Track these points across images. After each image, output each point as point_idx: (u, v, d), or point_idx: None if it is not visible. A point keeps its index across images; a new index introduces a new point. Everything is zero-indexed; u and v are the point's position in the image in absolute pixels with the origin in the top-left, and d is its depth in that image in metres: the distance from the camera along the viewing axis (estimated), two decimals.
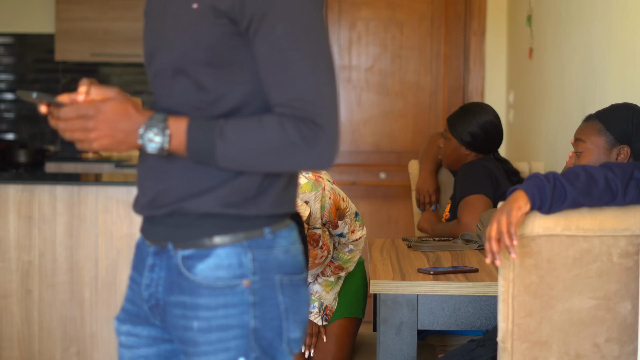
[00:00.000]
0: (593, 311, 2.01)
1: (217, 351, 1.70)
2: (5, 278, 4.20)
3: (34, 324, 4.22)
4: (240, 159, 1.63)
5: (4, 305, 4.21)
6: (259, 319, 1.70)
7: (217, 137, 1.62)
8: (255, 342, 1.71)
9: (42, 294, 4.20)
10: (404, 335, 2.49)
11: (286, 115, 1.61)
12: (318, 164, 1.63)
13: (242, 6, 1.63)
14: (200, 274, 1.69)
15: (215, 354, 1.70)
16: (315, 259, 2.85)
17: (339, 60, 6.00)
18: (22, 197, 4.17)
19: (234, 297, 1.69)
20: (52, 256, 4.17)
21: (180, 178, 1.70)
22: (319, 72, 1.62)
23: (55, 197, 4.16)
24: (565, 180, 2.00)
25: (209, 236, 1.69)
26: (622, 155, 2.38)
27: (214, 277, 1.69)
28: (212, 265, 1.69)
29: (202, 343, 1.69)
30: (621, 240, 2.00)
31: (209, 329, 1.69)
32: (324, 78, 1.62)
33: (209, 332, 1.69)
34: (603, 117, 2.48)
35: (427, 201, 3.67)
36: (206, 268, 1.69)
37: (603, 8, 3.35)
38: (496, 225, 1.97)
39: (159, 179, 1.71)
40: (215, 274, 1.69)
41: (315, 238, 2.84)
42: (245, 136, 1.61)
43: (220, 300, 1.69)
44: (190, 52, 1.67)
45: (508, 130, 5.34)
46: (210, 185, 1.69)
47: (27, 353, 4.23)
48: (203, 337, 1.69)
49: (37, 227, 4.18)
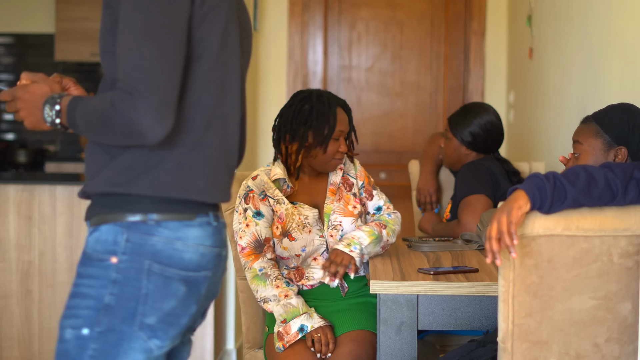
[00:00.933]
0: (593, 311, 2.01)
1: (69, 316, 1.83)
2: (5, 278, 4.19)
3: (34, 324, 4.22)
4: (86, 130, 1.81)
5: (4, 305, 4.21)
6: (115, 296, 1.80)
7: (76, 110, 1.81)
8: (104, 317, 1.80)
9: (42, 294, 4.20)
10: (404, 335, 2.49)
11: (117, 89, 1.75)
12: (134, 132, 1.73)
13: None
14: (87, 245, 1.87)
15: (67, 318, 1.84)
16: (349, 203, 2.92)
17: (339, 60, 6.00)
18: (22, 197, 4.17)
19: (100, 270, 1.82)
20: (52, 256, 4.17)
21: (87, 162, 1.89)
22: (144, 47, 1.74)
23: (55, 197, 4.16)
24: (565, 180, 2.00)
25: (99, 214, 1.86)
26: (619, 156, 2.38)
27: (92, 249, 1.85)
28: (95, 238, 1.85)
29: (66, 306, 1.84)
30: (621, 240, 2.00)
31: (73, 294, 1.84)
32: (148, 52, 1.74)
33: (72, 296, 1.84)
34: (599, 119, 2.48)
35: (428, 201, 3.67)
36: (91, 240, 1.86)
37: (603, 8, 3.35)
38: (496, 225, 1.97)
39: (85, 165, 1.92)
40: (94, 246, 1.85)
41: (349, 183, 2.96)
42: (86, 108, 1.80)
43: (89, 270, 1.83)
44: (99, 43, 1.90)
45: (508, 131, 5.34)
46: (100, 167, 1.85)
47: (27, 353, 4.23)
48: (68, 301, 1.85)
49: (37, 227, 4.18)
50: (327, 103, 2.89)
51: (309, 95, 2.91)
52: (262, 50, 5.86)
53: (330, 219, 2.91)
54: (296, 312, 2.78)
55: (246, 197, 2.88)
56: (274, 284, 2.81)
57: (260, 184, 2.89)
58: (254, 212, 2.86)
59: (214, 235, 1.90)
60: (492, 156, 3.46)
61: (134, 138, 1.75)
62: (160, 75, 1.74)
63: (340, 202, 2.93)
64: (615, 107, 2.52)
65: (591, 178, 2.02)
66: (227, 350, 4.62)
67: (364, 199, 3.00)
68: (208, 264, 1.88)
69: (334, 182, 2.96)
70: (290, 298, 2.79)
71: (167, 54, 1.76)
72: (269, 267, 2.84)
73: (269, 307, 2.81)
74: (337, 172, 2.98)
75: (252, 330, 3.04)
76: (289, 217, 2.87)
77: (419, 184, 3.71)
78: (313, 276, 2.90)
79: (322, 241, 2.88)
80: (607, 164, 2.11)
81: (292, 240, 2.86)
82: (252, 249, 2.84)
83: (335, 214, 2.91)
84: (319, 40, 5.99)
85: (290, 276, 2.90)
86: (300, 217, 2.87)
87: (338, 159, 2.91)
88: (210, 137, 1.86)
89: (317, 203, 2.94)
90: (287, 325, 2.77)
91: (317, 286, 2.91)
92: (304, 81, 5.97)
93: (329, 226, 2.90)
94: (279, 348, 2.79)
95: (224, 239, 1.97)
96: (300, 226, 2.86)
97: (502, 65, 5.82)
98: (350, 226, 2.90)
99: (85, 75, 6.50)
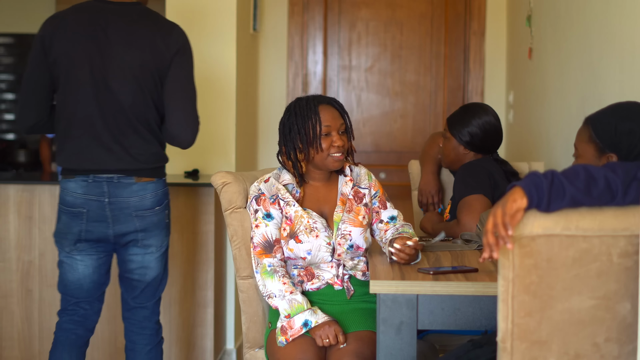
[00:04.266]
0: (592, 311, 2.01)
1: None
2: (5, 278, 4.19)
3: (34, 324, 4.22)
4: None
5: (4, 305, 4.21)
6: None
7: None
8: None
9: (42, 294, 4.20)
10: (404, 335, 2.49)
11: None
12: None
13: None
14: None
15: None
16: (359, 214, 2.93)
17: (339, 60, 6.01)
18: (22, 197, 4.17)
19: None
20: (52, 256, 4.17)
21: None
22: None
23: (55, 197, 4.16)
24: (564, 178, 2.00)
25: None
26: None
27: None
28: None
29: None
30: (621, 240, 2.00)
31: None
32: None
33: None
34: (594, 122, 2.47)
35: (430, 202, 3.67)
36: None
37: (602, 8, 3.36)
38: (492, 219, 1.97)
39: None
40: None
41: (359, 196, 2.96)
42: None
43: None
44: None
45: (508, 131, 5.34)
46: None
47: (27, 353, 4.23)
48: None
49: (37, 227, 4.18)
50: (306, 105, 2.90)
51: (290, 105, 2.96)
52: (262, 50, 5.86)
53: (340, 228, 2.91)
54: (301, 308, 2.80)
55: (257, 199, 2.91)
56: (281, 280, 2.83)
57: (271, 188, 2.91)
58: (264, 214, 2.89)
59: (86, 187, 3.15)
60: (490, 157, 3.47)
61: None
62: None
63: (350, 214, 2.93)
64: (608, 110, 2.50)
65: (591, 177, 2.02)
66: (227, 350, 4.62)
67: (377, 207, 3.01)
68: (82, 204, 3.15)
69: (344, 193, 2.97)
70: (296, 294, 2.82)
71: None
72: (279, 265, 2.87)
73: (273, 302, 2.83)
74: (348, 184, 2.98)
75: (252, 330, 3.05)
76: (297, 219, 2.88)
77: (421, 185, 3.71)
78: (323, 276, 2.91)
79: (329, 249, 2.89)
80: (610, 163, 2.10)
81: (298, 242, 2.87)
82: (262, 248, 2.87)
83: (345, 223, 2.92)
84: (319, 40, 5.99)
85: (301, 277, 2.91)
86: (309, 220, 2.88)
87: (336, 155, 2.91)
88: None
89: (325, 212, 2.95)
90: (291, 320, 2.80)
91: (323, 288, 2.92)
92: (304, 81, 5.97)
93: (337, 235, 2.91)
94: (281, 342, 2.80)
95: (103, 190, 3.14)
96: (307, 229, 2.88)
97: (502, 66, 5.83)
98: (359, 237, 2.91)
99: None
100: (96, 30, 3.12)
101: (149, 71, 3.13)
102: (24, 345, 4.22)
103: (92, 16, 3.15)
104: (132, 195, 3.16)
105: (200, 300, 4.25)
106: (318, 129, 2.88)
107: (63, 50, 3.12)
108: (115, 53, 3.11)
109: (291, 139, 2.90)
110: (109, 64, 3.11)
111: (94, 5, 3.19)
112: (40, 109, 3.22)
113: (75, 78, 3.12)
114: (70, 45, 3.12)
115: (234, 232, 2.99)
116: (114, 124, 3.14)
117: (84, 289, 3.27)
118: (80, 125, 3.14)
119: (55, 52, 3.13)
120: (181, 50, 3.16)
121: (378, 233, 3.01)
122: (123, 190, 3.15)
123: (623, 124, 2.42)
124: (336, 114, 2.94)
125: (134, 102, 3.13)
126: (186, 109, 3.19)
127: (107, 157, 3.13)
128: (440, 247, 3.03)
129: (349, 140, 2.96)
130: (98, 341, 4.21)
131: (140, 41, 3.12)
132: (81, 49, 3.11)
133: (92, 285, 3.27)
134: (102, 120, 3.13)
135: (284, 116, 2.94)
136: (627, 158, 2.39)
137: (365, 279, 2.95)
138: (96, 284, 3.28)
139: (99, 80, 3.12)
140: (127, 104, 3.13)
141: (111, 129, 3.14)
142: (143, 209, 3.18)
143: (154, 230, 3.22)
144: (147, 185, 3.18)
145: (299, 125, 2.89)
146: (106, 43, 3.11)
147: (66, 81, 3.14)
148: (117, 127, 3.14)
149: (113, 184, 3.14)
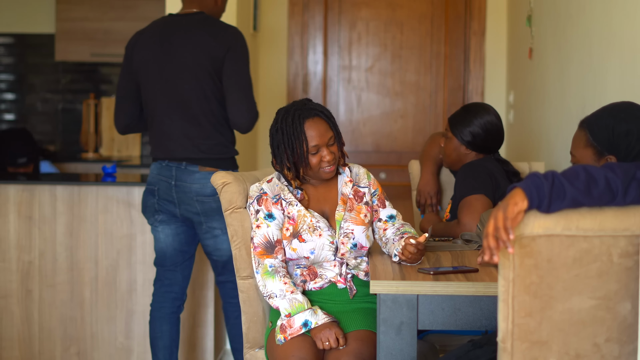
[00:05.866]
0: (593, 311, 2.01)
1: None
2: (5, 278, 4.19)
3: (34, 324, 4.22)
4: None
5: (4, 305, 4.21)
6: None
7: None
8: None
9: (42, 294, 4.19)
10: (404, 335, 2.49)
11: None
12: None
13: None
14: None
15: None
16: (361, 212, 2.94)
17: (339, 60, 6.01)
18: (22, 197, 4.17)
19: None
20: (52, 256, 4.17)
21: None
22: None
23: (55, 197, 4.16)
24: (564, 179, 2.00)
25: None
26: None
27: None
28: None
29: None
30: (621, 240, 2.00)
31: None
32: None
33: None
34: (590, 125, 2.46)
35: (428, 203, 3.67)
36: None
37: (602, 8, 3.36)
38: (493, 222, 1.97)
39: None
40: None
41: (360, 195, 2.98)
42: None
43: None
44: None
45: (508, 131, 5.34)
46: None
47: (27, 353, 4.23)
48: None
49: (37, 227, 4.18)
50: (292, 123, 2.87)
51: (278, 118, 2.92)
52: (262, 50, 5.86)
53: (343, 226, 2.91)
54: (301, 307, 2.80)
55: (259, 199, 2.90)
56: (282, 280, 2.83)
57: (275, 188, 2.91)
58: (265, 214, 2.88)
59: (160, 169, 3.66)
60: (492, 157, 3.46)
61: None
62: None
63: (351, 212, 2.93)
64: (605, 111, 2.49)
65: (591, 178, 2.02)
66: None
67: (376, 206, 3.01)
68: (155, 182, 3.67)
69: (345, 193, 2.96)
70: (296, 294, 2.82)
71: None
72: (280, 266, 2.86)
73: (274, 302, 2.83)
74: (347, 184, 2.98)
75: (252, 330, 3.04)
76: (300, 218, 2.88)
77: (419, 186, 3.70)
78: (326, 274, 2.91)
79: (332, 247, 2.89)
80: (609, 164, 2.10)
81: (302, 241, 2.87)
82: (263, 248, 2.87)
83: (347, 221, 2.92)
84: (319, 40, 5.99)
85: (304, 276, 2.91)
86: (312, 219, 2.88)
87: (327, 168, 2.90)
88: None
89: (326, 212, 2.95)
90: (291, 319, 2.80)
91: (326, 286, 2.92)
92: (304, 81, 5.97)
93: (340, 233, 2.90)
94: (279, 340, 2.80)
95: (171, 174, 3.64)
96: (311, 228, 2.87)
97: (502, 66, 5.83)
98: (362, 234, 2.91)
99: (85, 76, 6.50)
100: (164, 38, 3.63)
101: (206, 69, 3.57)
102: (24, 345, 4.22)
103: (162, 28, 3.67)
104: (195, 182, 3.61)
105: (200, 300, 4.25)
106: (305, 149, 2.86)
107: (141, 59, 3.64)
108: (179, 56, 3.58)
109: (279, 154, 2.89)
110: (173, 67, 3.59)
111: (165, 19, 3.73)
112: (130, 111, 3.74)
113: (150, 82, 3.64)
114: (145, 53, 3.64)
115: (234, 232, 2.99)
116: (181, 118, 3.61)
117: (167, 256, 3.71)
118: (155, 121, 3.66)
119: (135, 62, 3.66)
120: (232, 48, 3.58)
121: (377, 232, 3.01)
122: (188, 176, 3.62)
123: (620, 126, 2.42)
124: (324, 127, 2.89)
125: (197, 98, 3.59)
126: (241, 100, 3.60)
127: (175, 147, 3.63)
128: (441, 247, 3.03)
129: (339, 148, 2.95)
130: (98, 341, 4.21)
131: (197, 44, 3.58)
132: (152, 55, 3.62)
133: (174, 253, 3.71)
134: (170, 115, 3.62)
135: (272, 128, 2.91)
136: (626, 159, 2.39)
137: (367, 279, 2.95)
138: (177, 252, 3.71)
139: (166, 82, 3.61)
140: (191, 100, 3.59)
141: (178, 123, 3.62)
142: (203, 195, 3.60)
143: (214, 215, 3.61)
144: (209, 174, 3.58)
145: (285, 145, 2.86)
146: (170, 48, 3.60)
147: (145, 85, 3.65)
148: (183, 121, 3.62)
149: (180, 170, 3.63)
